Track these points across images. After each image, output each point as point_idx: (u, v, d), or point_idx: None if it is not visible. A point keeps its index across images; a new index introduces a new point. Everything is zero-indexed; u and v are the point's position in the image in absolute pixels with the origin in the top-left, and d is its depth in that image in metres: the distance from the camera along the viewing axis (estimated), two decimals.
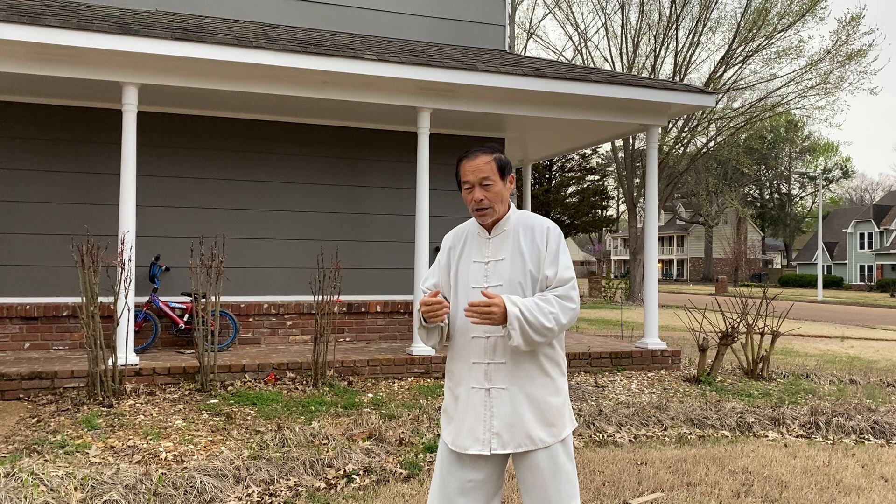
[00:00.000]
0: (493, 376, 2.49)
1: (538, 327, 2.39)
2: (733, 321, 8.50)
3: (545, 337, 2.42)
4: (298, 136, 9.33)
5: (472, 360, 2.52)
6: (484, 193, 2.50)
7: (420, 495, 4.12)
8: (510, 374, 2.48)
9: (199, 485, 4.02)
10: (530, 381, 2.49)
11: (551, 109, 8.68)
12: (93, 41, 6.70)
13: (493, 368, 2.49)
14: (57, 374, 6.63)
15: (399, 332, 9.53)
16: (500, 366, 2.49)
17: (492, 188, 2.50)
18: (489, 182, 2.49)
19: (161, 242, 8.70)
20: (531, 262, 2.51)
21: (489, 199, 2.50)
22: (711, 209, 59.78)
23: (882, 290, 51.50)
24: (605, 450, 5.20)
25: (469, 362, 2.53)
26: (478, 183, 2.50)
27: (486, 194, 2.50)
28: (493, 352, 2.49)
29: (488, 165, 2.50)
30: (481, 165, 2.49)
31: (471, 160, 2.51)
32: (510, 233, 2.56)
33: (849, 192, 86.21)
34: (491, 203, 2.51)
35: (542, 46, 41.11)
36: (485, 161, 2.50)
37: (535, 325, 2.39)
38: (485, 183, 2.49)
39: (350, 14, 9.49)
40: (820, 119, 76.68)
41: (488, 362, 2.50)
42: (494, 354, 2.49)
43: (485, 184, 2.49)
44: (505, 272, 2.51)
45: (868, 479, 4.65)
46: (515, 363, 2.48)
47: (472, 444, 2.49)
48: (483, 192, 2.50)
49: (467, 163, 2.52)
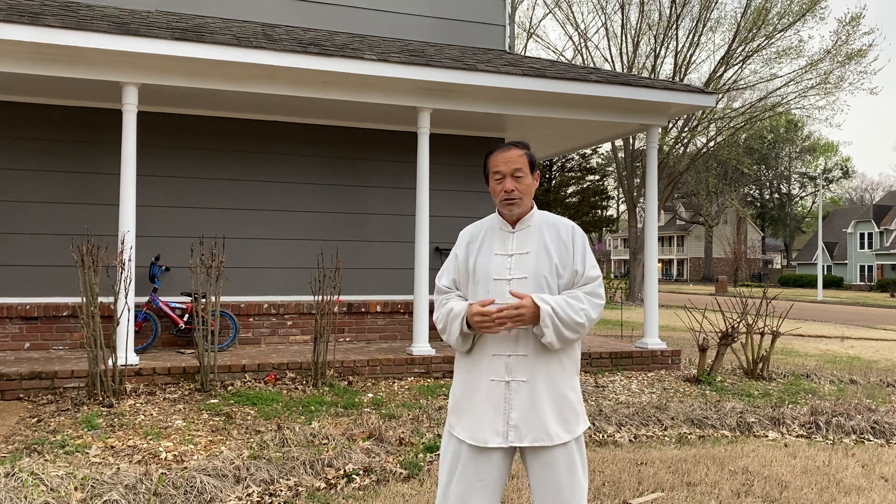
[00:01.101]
0: (514, 369, 2.50)
1: (570, 324, 2.43)
2: (733, 321, 8.50)
3: (577, 333, 2.46)
4: (298, 136, 9.33)
5: (493, 352, 2.52)
6: (515, 185, 2.56)
7: (420, 495, 4.12)
8: (530, 368, 2.49)
9: (199, 485, 4.02)
10: (550, 375, 2.50)
11: (551, 109, 8.69)
12: (93, 41, 6.70)
13: (513, 361, 2.50)
14: (57, 374, 6.63)
15: (399, 332, 9.53)
16: (522, 358, 2.50)
17: (522, 180, 2.56)
18: (521, 174, 2.56)
19: (161, 242, 8.70)
20: (557, 258, 2.54)
21: (520, 190, 2.56)
22: (711, 209, 59.79)
23: (882, 290, 51.51)
24: (605, 450, 5.20)
25: (489, 354, 2.52)
26: (510, 174, 2.56)
27: (516, 185, 2.56)
28: (515, 344, 2.50)
29: (521, 158, 2.57)
30: (514, 157, 2.56)
31: (504, 152, 2.58)
32: (534, 228, 2.60)
33: (849, 192, 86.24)
34: (521, 194, 2.56)
35: (542, 46, 41.14)
36: (518, 154, 2.57)
37: (567, 323, 2.43)
38: (517, 175, 2.56)
39: (350, 14, 9.49)
40: (820, 119, 76.73)
41: (509, 355, 2.50)
42: (516, 347, 2.50)
43: (517, 175, 2.56)
44: (531, 265, 2.53)
45: (868, 479, 4.65)
46: (536, 356, 2.49)
47: (491, 436, 2.49)
48: (514, 184, 2.56)
49: (500, 154, 2.58)
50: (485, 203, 10.08)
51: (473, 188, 10.04)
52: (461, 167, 10.00)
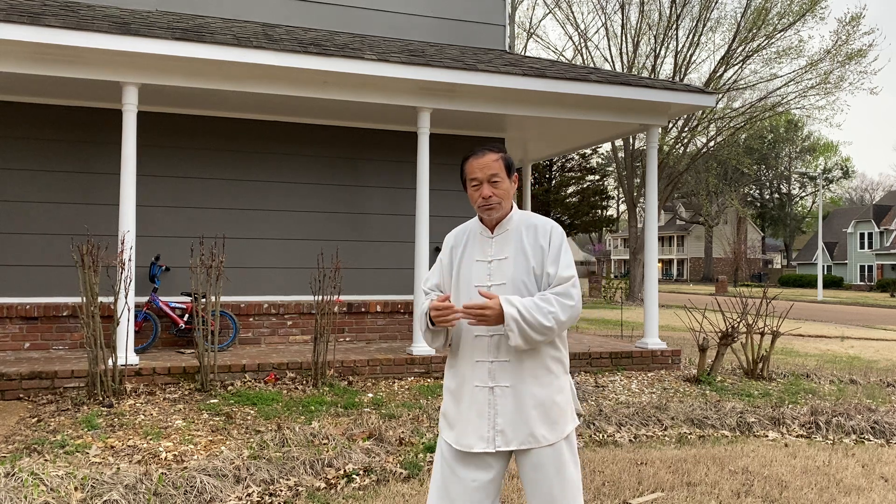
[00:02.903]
0: (497, 375, 2.50)
1: (537, 327, 2.41)
2: (733, 321, 8.50)
3: (545, 336, 2.44)
4: (298, 136, 9.33)
5: (476, 358, 2.53)
6: (492, 190, 2.55)
7: (420, 495, 4.12)
8: (514, 373, 2.49)
9: (199, 485, 4.02)
10: (534, 379, 2.50)
11: (551, 109, 8.68)
12: (93, 41, 6.70)
13: (496, 367, 2.50)
14: (57, 374, 6.63)
15: (399, 332, 9.53)
16: (505, 364, 2.50)
17: (500, 185, 2.56)
18: (497, 179, 2.55)
19: (161, 242, 8.70)
20: (534, 261, 2.54)
21: (497, 195, 2.56)
22: (711, 209, 59.78)
23: (882, 290, 51.50)
24: (605, 450, 5.20)
25: (472, 360, 2.53)
26: (486, 179, 2.55)
27: (494, 191, 2.55)
28: (497, 350, 2.50)
29: (497, 163, 2.56)
30: (490, 163, 2.55)
31: (479, 158, 2.57)
32: (513, 232, 2.60)
33: (849, 192, 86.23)
34: (499, 199, 2.56)
35: (542, 46, 41.13)
36: (493, 159, 2.56)
37: (533, 325, 2.41)
38: (493, 180, 2.55)
39: (350, 14, 9.49)
40: (820, 119, 76.74)
41: (492, 360, 2.51)
42: (498, 353, 2.50)
43: (493, 181, 2.55)
44: (508, 271, 2.54)
45: (868, 479, 4.65)
46: (519, 361, 2.49)
47: (476, 442, 2.50)
48: (491, 189, 2.55)
49: (475, 160, 2.57)
50: None
51: None
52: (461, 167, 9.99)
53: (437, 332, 2.57)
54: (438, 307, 2.44)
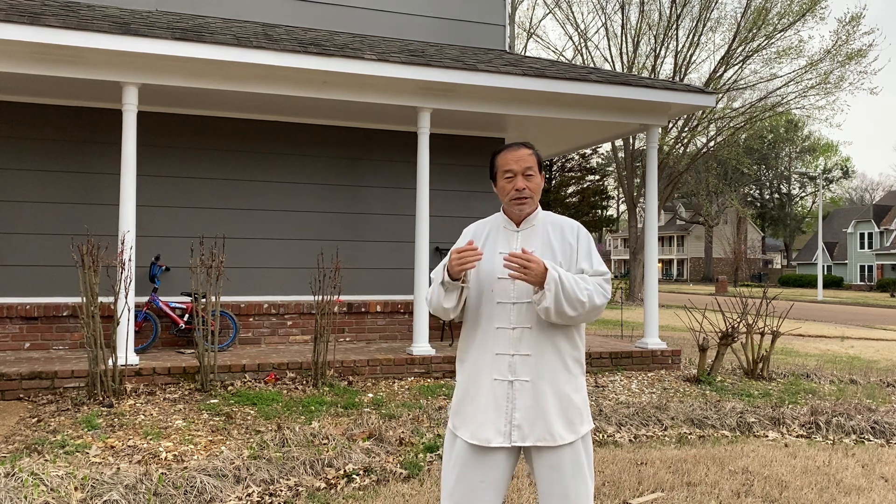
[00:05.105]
0: (518, 369, 2.48)
1: (572, 298, 2.40)
2: (733, 321, 8.50)
3: (574, 311, 2.41)
4: (298, 136, 9.33)
5: (496, 351, 2.50)
6: (526, 183, 2.56)
7: (420, 495, 4.12)
8: (535, 368, 2.47)
9: (199, 485, 4.02)
10: (554, 375, 2.48)
11: (551, 109, 8.69)
12: (93, 41, 6.70)
13: (517, 361, 2.48)
14: (57, 374, 6.63)
15: (399, 332, 9.53)
16: (526, 358, 2.48)
17: (533, 179, 2.57)
18: (531, 173, 2.57)
19: (161, 242, 8.70)
20: (562, 256, 2.55)
21: (531, 188, 2.57)
22: (711, 209, 59.76)
23: (882, 290, 51.50)
24: (605, 450, 5.20)
25: (492, 353, 2.51)
26: (521, 172, 2.56)
27: (528, 184, 2.56)
28: (519, 344, 2.49)
29: (531, 157, 2.58)
30: (525, 156, 2.57)
31: (514, 151, 2.59)
32: (539, 227, 2.61)
33: (849, 192, 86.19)
34: (532, 193, 2.57)
35: (542, 46, 41.12)
36: (528, 153, 2.58)
37: (570, 295, 2.40)
38: (528, 173, 2.57)
39: (350, 14, 9.49)
40: (820, 119, 76.54)
41: (513, 354, 2.49)
42: (520, 346, 2.49)
43: (527, 174, 2.57)
44: None
45: (868, 479, 4.65)
46: (540, 356, 2.48)
47: (494, 436, 2.47)
48: (525, 182, 2.56)
49: (510, 153, 2.58)
50: (485, 203, 10.08)
51: (473, 188, 10.04)
52: (461, 167, 10.00)
53: (451, 288, 2.49)
54: (461, 249, 2.40)
